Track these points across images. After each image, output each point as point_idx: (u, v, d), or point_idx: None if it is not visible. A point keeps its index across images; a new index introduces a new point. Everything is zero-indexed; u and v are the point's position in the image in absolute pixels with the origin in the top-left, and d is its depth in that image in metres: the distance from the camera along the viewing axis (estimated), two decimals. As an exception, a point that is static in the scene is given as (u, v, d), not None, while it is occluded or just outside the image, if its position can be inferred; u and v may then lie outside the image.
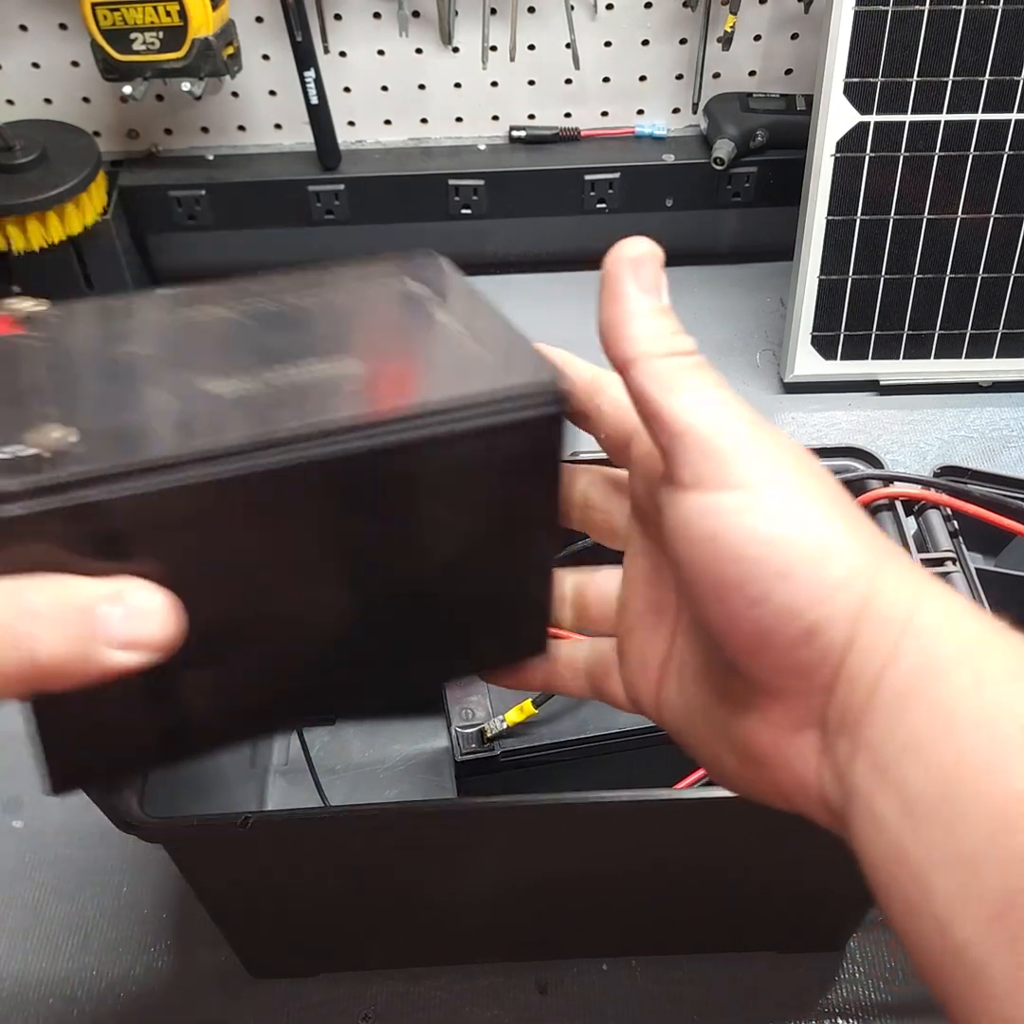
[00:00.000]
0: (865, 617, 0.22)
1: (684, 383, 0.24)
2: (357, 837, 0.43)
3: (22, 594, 0.21)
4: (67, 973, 0.53)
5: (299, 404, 0.24)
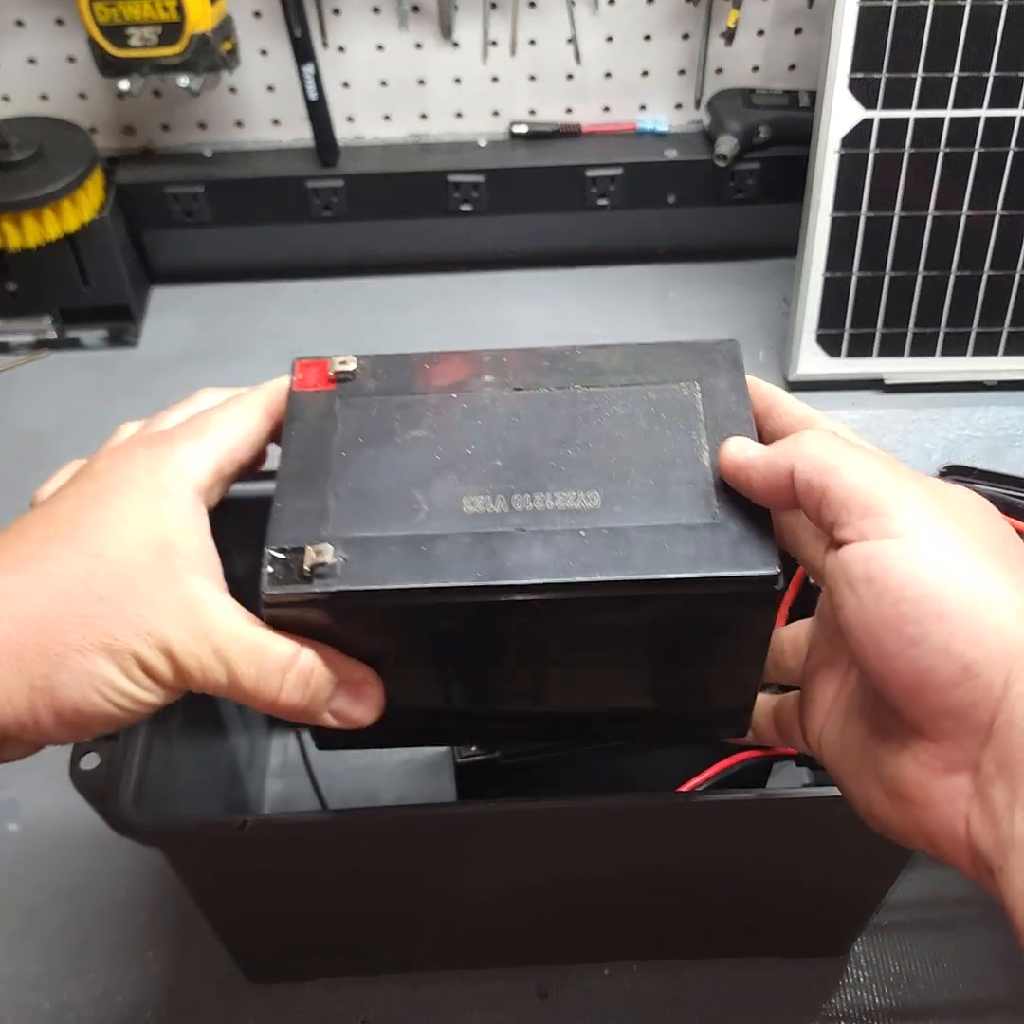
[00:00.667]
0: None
1: (839, 458, 0.27)
2: (356, 840, 0.42)
3: (300, 661, 0.30)
4: (63, 977, 0.52)
5: (527, 545, 0.30)
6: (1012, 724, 0.23)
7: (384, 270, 0.91)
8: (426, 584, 0.29)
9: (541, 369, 0.34)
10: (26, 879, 0.56)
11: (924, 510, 0.25)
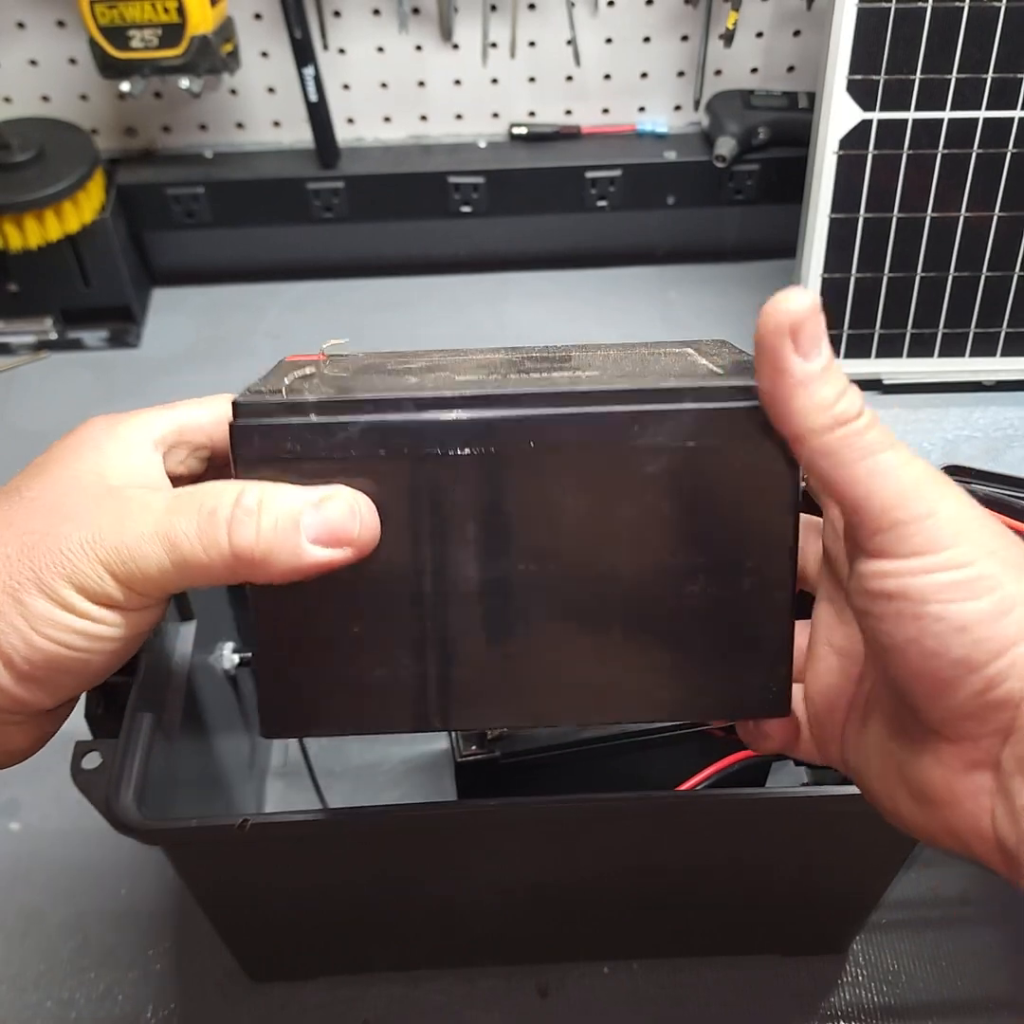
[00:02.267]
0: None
1: (852, 456, 0.24)
2: (356, 840, 0.42)
3: (244, 496, 0.26)
4: (65, 976, 0.52)
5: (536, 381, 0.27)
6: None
7: (384, 271, 0.91)
8: (405, 395, 0.27)
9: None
10: (27, 879, 0.56)
11: (946, 526, 0.24)
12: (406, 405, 0.27)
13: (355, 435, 0.27)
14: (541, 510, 0.28)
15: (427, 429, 0.27)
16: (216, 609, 0.52)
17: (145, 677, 0.42)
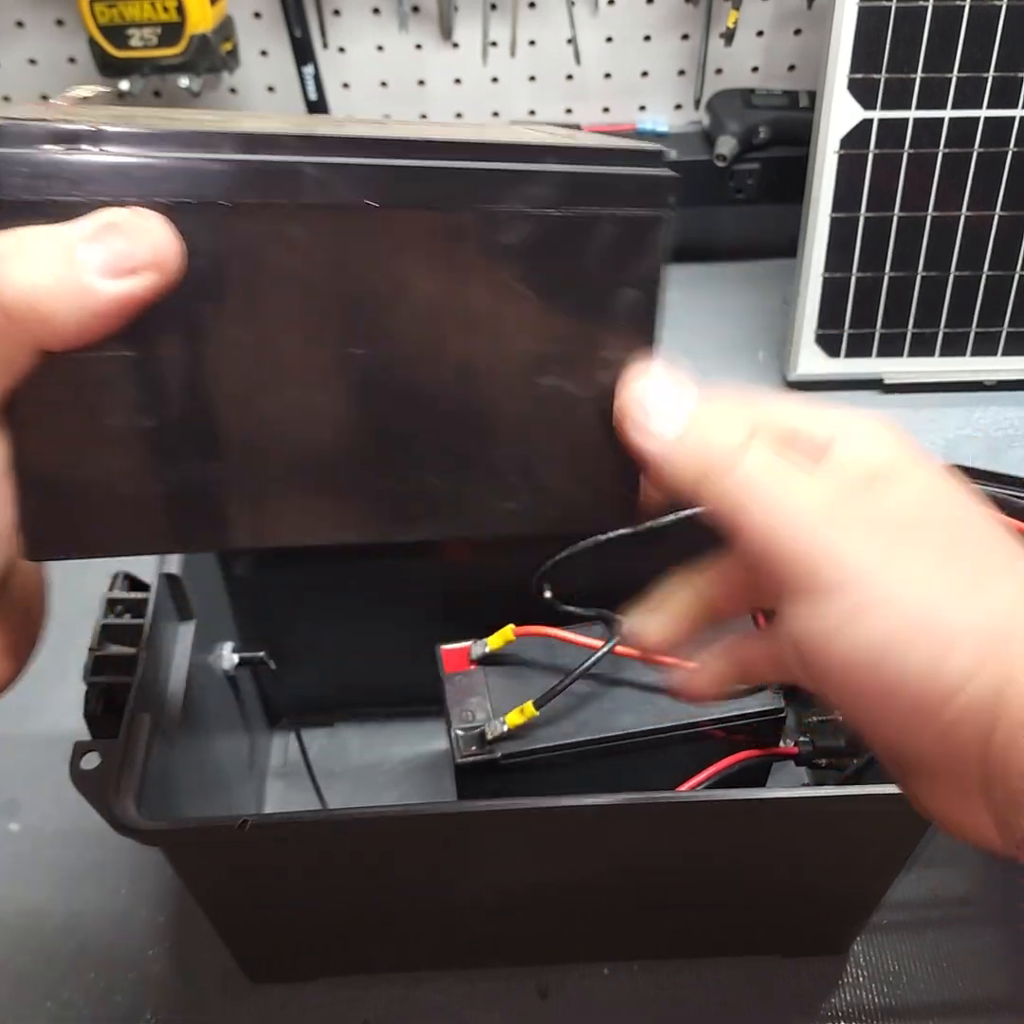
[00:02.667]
0: (1001, 704, 0.20)
1: (740, 501, 0.22)
2: (356, 840, 0.42)
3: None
4: (64, 977, 0.52)
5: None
6: (1002, 764, 0.21)
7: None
8: (216, 129, 0.22)
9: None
10: (26, 879, 0.56)
11: (853, 558, 0.21)
12: (218, 141, 0.21)
13: (157, 174, 0.21)
14: (370, 284, 0.23)
15: (244, 173, 0.21)
16: (215, 609, 0.52)
17: (144, 677, 0.42)
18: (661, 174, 0.25)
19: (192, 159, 0.21)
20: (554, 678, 0.47)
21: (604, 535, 0.47)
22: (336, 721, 0.62)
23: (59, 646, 0.68)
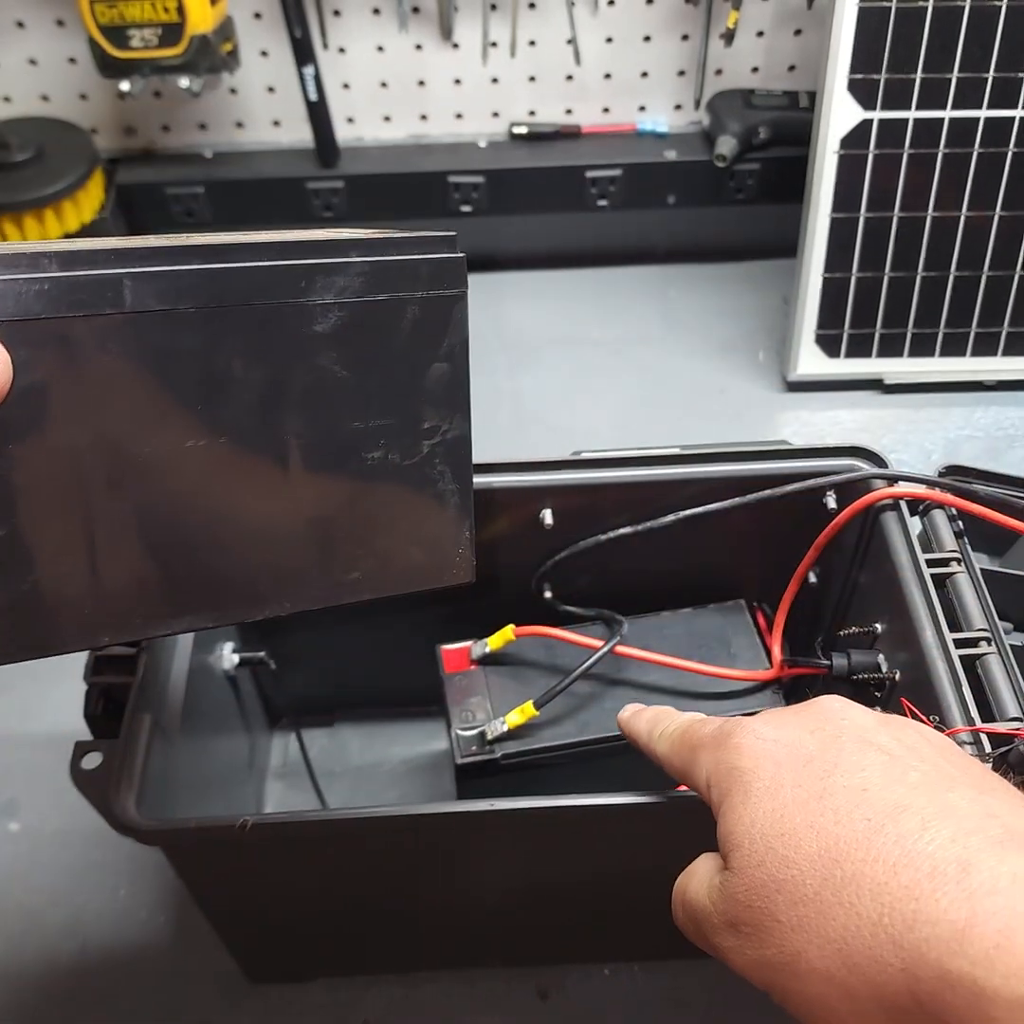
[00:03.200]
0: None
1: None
2: (356, 840, 0.42)
3: None
4: (64, 977, 0.52)
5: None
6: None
7: (384, 271, 0.91)
8: (21, 249, 0.22)
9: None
10: (26, 879, 0.56)
11: (807, 900, 0.23)
12: (20, 260, 0.22)
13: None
14: (200, 374, 0.24)
15: (62, 286, 0.22)
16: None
17: (145, 677, 0.42)
18: (454, 256, 0.26)
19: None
20: (554, 678, 0.47)
21: (604, 535, 0.47)
22: (336, 721, 0.62)
23: (59, 646, 0.68)
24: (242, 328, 0.24)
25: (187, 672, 0.46)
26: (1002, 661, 0.40)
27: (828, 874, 0.23)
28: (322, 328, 0.25)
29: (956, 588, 0.44)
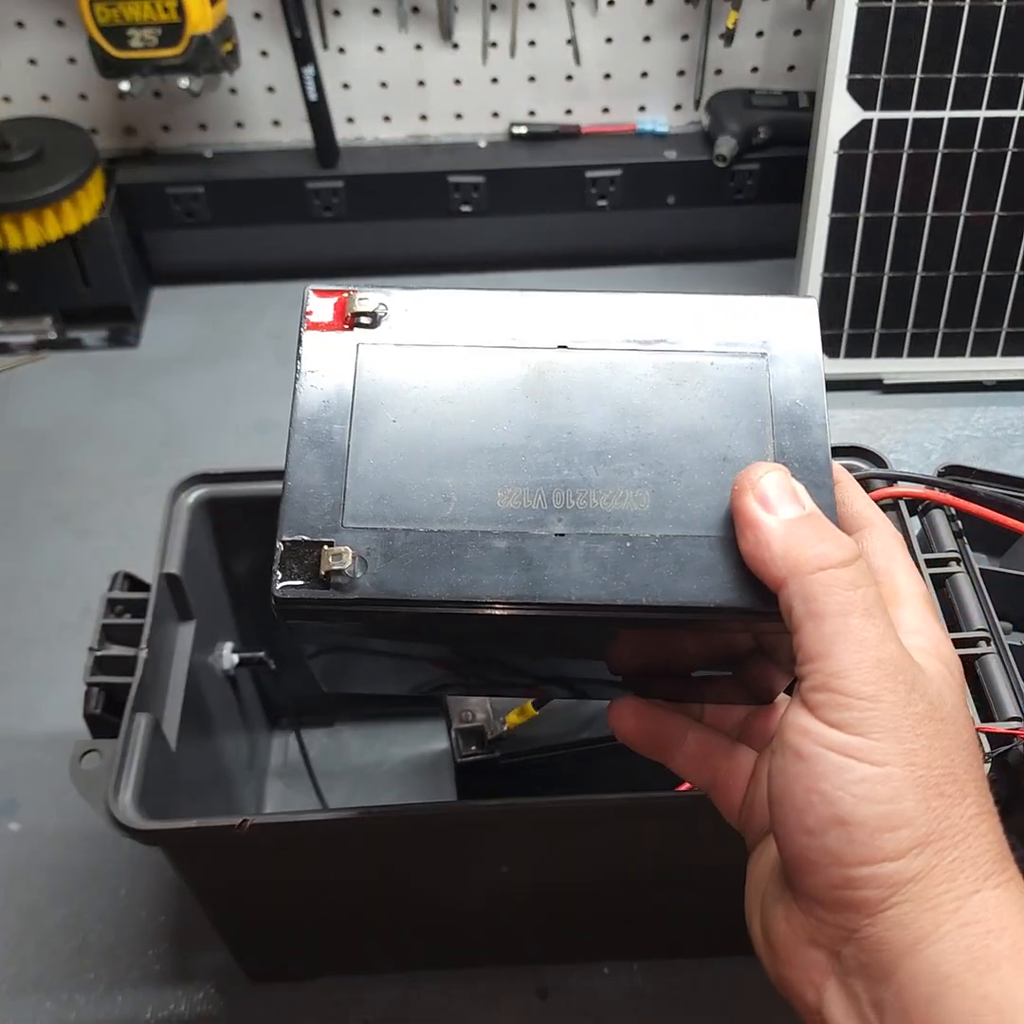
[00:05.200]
0: (907, 894, 0.23)
1: (827, 609, 0.24)
2: (356, 840, 0.42)
3: None
4: (64, 976, 0.52)
5: (566, 555, 0.27)
6: (876, 939, 0.23)
7: (384, 271, 0.91)
8: (455, 596, 0.27)
9: (590, 320, 0.31)
10: (26, 879, 0.56)
11: (881, 717, 0.23)
12: (449, 605, 0.27)
13: (398, 620, 0.28)
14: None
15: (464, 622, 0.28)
16: (216, 609, 0.52)
17: (144, 677, 0.42)
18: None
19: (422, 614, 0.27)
20: (554, 678, 0.47)
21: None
22: (336, 721, 0.62)
23: (59, 646, 0.68)
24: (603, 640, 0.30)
25: (187, 672, 0.46)
26: (1001, 661, 0.40)
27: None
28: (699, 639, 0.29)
29: (955, 588, 0.44)
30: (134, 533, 0.70)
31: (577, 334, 0.30)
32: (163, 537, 0.46)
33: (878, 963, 0.23)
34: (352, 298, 0.30)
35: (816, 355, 0.29)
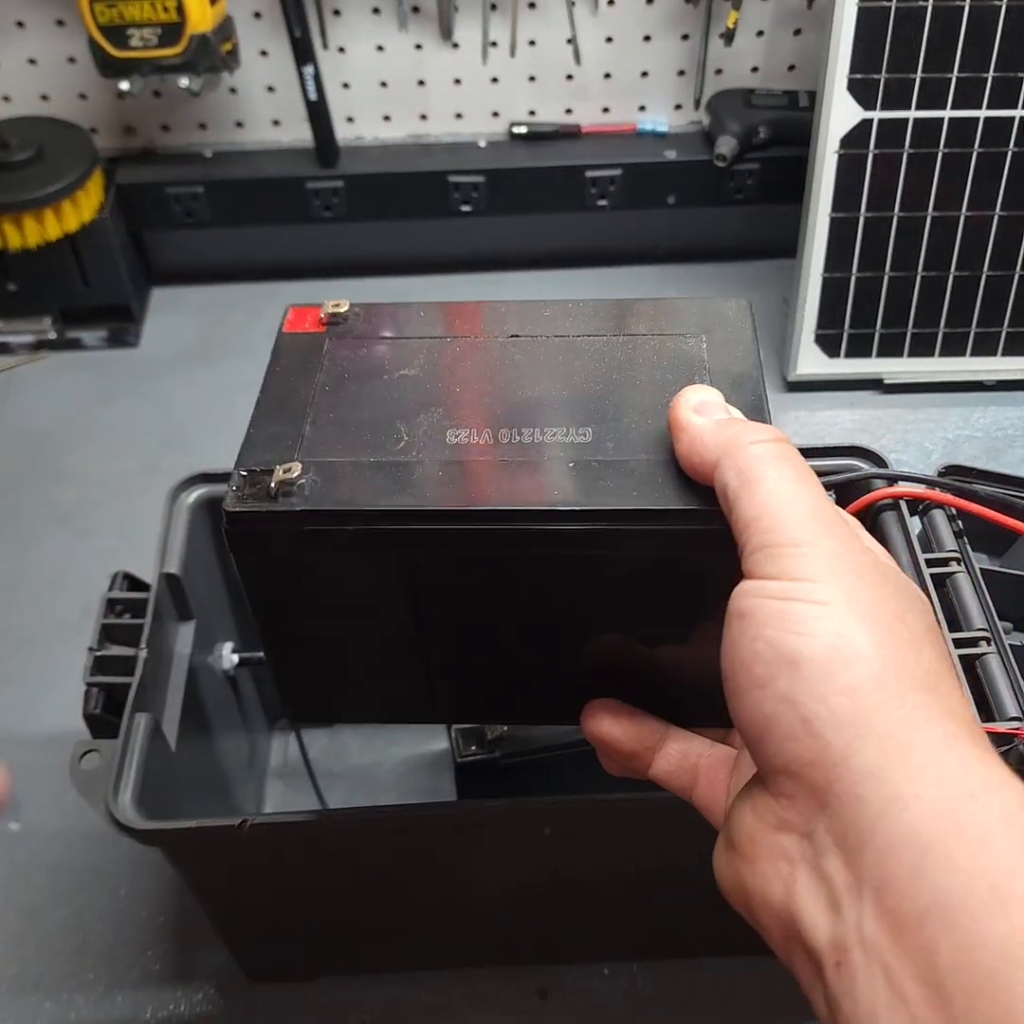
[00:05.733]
0: (871, 734, 0.21)
1: (757, 474, 0.25)
2: (356, 840, 0.42)
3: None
4: (64, 977, 0.52)
5: (511, 475, 0.28)
6: (849, 798, 0.21)
7: (384, 270, 0.91)
8: (395, 506, 0.27)
9: (540, 318, 0.33)
10: (26, 879, 0.56)
11: (819, 559, 0.23)
12: (391, 517, 0.28)
13: (345, 538, 0.28)
14: (521, 600, 0.31)
15: (411, 535, 0.28)
16: (216, 609, 0.52)
17: (144, 677, 0.42)
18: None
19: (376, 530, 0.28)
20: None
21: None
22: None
23: (59, 646, 0.68)
24: (553, 570, 0.29)
25: (187, 672, 0.46)
26: (1002, 661, 0.40)
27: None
28: (616, 573, 0.29)
29: (956, 588, 0.44)
30: (134, 533, 0.70)
31: (527, 328, 0.33)
32: (163, 537, 0.46)
33: (853, 830, 0.21)
34: (325, 305, 0.33)
35: (750, 336, 0.32)
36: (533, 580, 0.30)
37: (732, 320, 0.32)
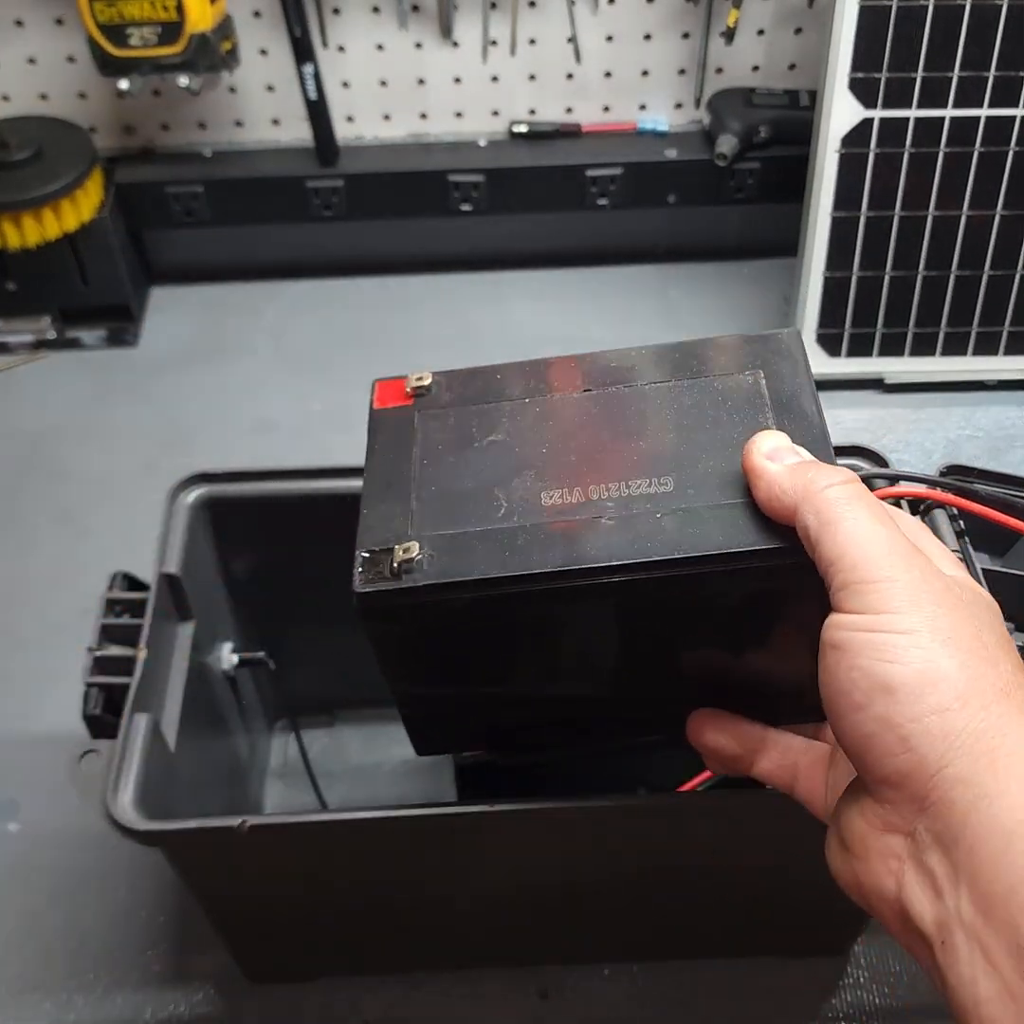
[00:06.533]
0: (961, 747, 0.24)
1: (835, 516, 0.27)
2: (356, 841, 0.42)
3: None
4: (63, 977, 0.52)
5: (606, 531, 0.31)
6: (945, 803, 0.24)
7: (384, 270, 0.91)
8: (508, 573, 0.31)
9: (608, 369, 0.35)
10: (26, 879, 0.56)
11: (900, 592, 0.26)
12: (504, 583, 0.31)
13: (462, 604, 0.32)
14: (621, 641, 0.34)
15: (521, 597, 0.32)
16: (215, 609, 0.52)
17: (144, 677, 0.42)
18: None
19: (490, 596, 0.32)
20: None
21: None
22: (336, 721, 0.62)
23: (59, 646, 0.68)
24: (652, 614, 0.33)
25: (186, 672, 0.46)
26: (1003, 661, 0.40)
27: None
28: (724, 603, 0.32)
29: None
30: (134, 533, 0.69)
31: (598, 380, 0.35)
32: (162, 537, 0.46)
33: (948, 828, 0.24)
34: (409, 379, 0.36)
35: (803, 367, 0.34)
36: (634, 623, 0.33)
37: (784, 352, 0.34)
